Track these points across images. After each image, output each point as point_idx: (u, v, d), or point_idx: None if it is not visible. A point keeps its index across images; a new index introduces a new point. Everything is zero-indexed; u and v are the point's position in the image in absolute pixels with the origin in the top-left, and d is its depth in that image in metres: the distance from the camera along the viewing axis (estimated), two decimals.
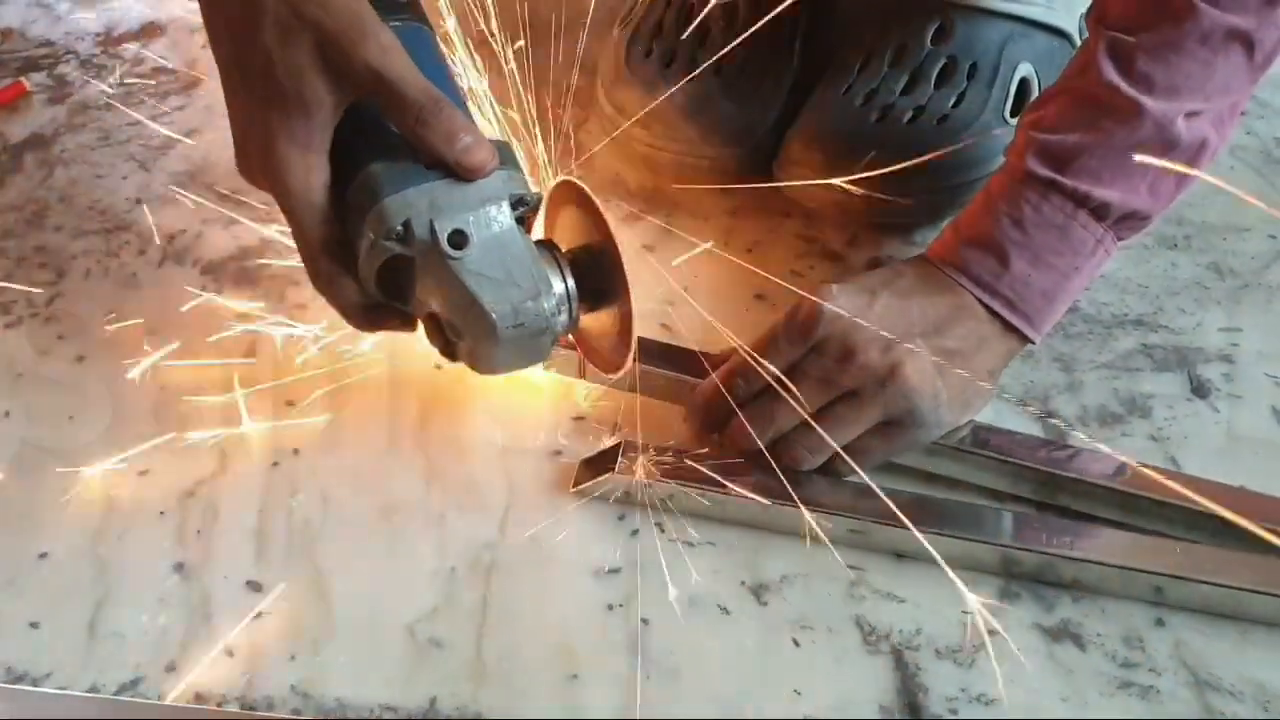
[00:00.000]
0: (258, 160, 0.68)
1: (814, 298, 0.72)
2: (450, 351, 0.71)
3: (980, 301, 0.74)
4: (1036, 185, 0.74)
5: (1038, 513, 0.76)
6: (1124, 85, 0.72)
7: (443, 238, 0.66)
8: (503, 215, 0.68)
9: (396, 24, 0.69)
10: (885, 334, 0.72)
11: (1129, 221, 0.75)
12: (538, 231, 0.76)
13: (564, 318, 0.70)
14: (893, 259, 0.82)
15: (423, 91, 0.66)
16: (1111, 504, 0.75)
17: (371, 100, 0.66)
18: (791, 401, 0.72)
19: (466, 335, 0.68)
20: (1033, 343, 0.76)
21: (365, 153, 0.68)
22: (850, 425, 0.73)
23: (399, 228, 0.66)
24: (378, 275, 0.69)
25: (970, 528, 0.73)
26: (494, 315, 0.66)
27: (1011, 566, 0.73)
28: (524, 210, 0.70)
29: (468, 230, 0.66)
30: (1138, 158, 0.72)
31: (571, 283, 0.70)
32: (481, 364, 0.71)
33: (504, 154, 0.69)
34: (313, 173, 0.67)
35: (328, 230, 0.69)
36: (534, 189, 0.71)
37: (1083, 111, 0.74)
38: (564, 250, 0.72)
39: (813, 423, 0.73)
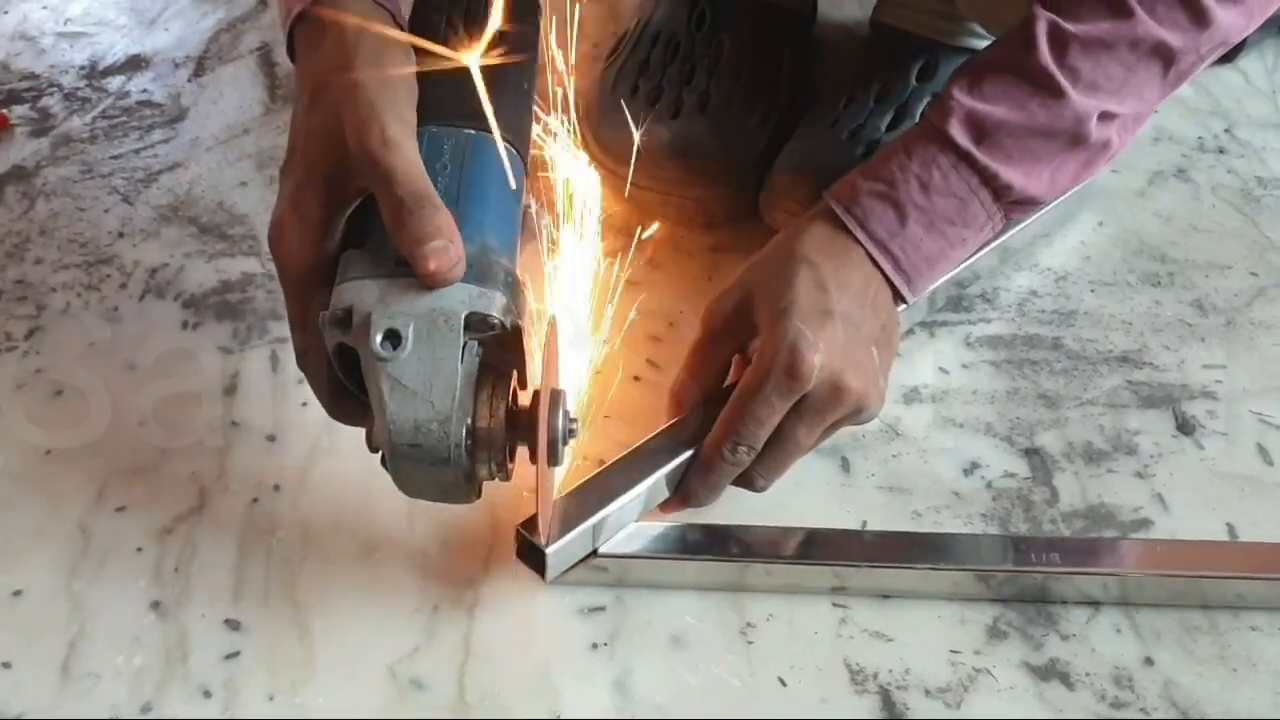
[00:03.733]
0: (271, 229, 0.67)
1: (800, 350, 0.70)
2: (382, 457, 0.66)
3: (868, 255, 0.75)
4: (951, 152, 0.75)
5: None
6: (1057, 72, 0.74)
7: (376, 334, 0.61)
8: (450, 331, 0.62)
9: (439, 129, 0.67)
10: (857, 367, 0.72)
11: (1022, 205, 0.77)
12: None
13: (479, 459, 0.64)
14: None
15: (411, 190, 0.62)
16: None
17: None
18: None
19: (381, 444, 0.64)
20: (906, 303, 0.78)
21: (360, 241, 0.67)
22: (815, 446, 0.74)
23: (341, 314, 0.63)
24: (348, 363, 0.65)
25: (953, 558, 0.73)
26: (392, 427, 0.61)
27: (1003, 589, 0.73)
28: (488, 335, 0.64)
29: (404, 335, 0.62)
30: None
31: (499, 425, 0.64)
32: (392, 478, 0.65)
33: (485, 273, 0.64)
34: (306, 245, 0.65)
35: (307, 305, 0.66)
36: (511, 318, 0.64)
37: (1014, 88, 0.75)
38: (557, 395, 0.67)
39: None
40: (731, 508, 0.76)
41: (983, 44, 0.94)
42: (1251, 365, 0.87)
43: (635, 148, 0.91)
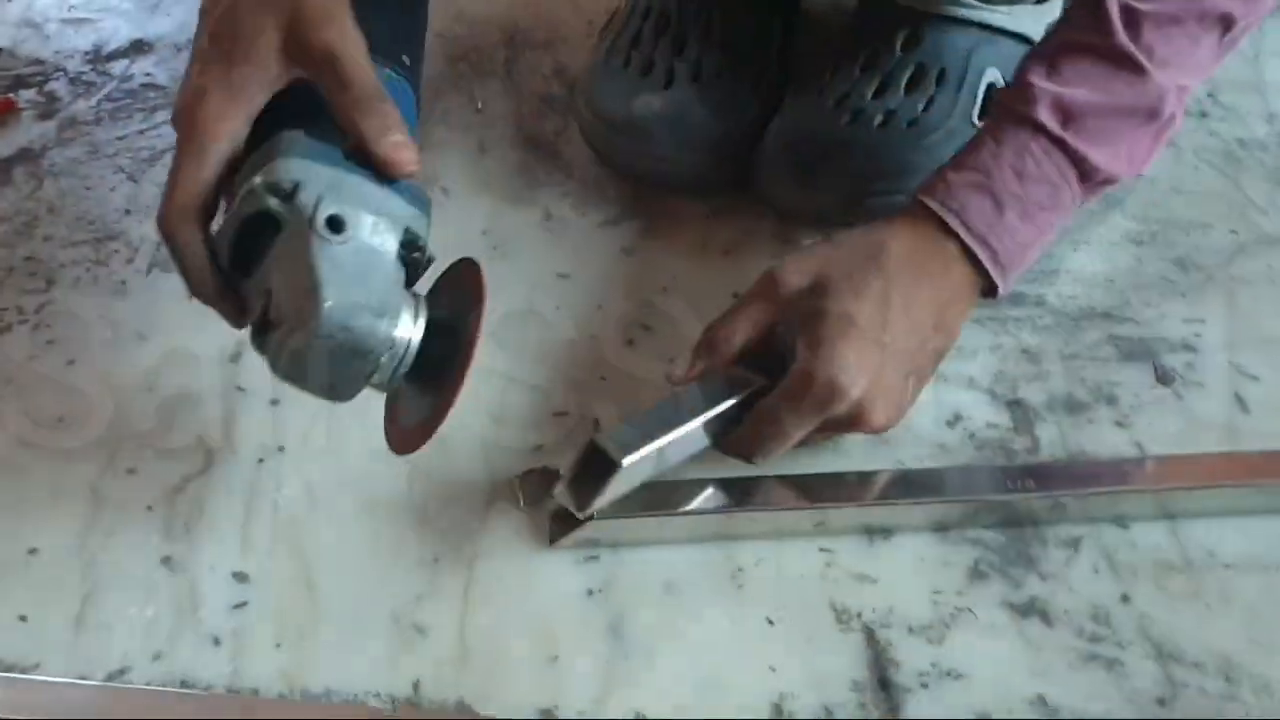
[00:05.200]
0: (185, 100, 0.65)
1: (837, 379, 0.70)
2: (260, 336, 0.66)
3: (965, 249, 0.75)
4: (1043, 139, 0.75)
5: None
6: (1136, 52, 0.74)
7: (321, 215, 0.62)
8: (390, 237, 0.64)
9: (383, 69, 0.68)
10: (889, 393, 0.73)
11: (1102, 185, 0.77)
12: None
13: (396, 358, 0.64)
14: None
15: (371, 83, 0.65)
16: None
17: (318, 83, 0.66)
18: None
19: (288, 321, 0.63)
20: (995, 295, 0.77)
21: (287, 127, 0.66)
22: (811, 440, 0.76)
23: (288, 185, 0.62)
24: (239, 241, 0.65)
25: (933, 491, 0.76)
26: (327, 304, 0.60)
27: (984, 518, 0.75)
28: (413, 254, 0.66)
29: (349, 223, 0.63)
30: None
31: (418, 336, 0.65)
32: (283, 359, 0.64)
33: (421, 199, 0.67)
34: (225, 120, 0.65)
35: (208, 176, 0.65)
36: (430, 251, 0.67)
37: (1096, 70, 0.75)
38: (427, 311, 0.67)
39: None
40: (720, 460, 0.78)
41: (966, 13, 0.96)
42: (1230, 319, 0.89)
43: (628, 117, 0.93)
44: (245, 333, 0.79)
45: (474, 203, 0.98)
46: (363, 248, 0.63)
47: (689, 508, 0.74)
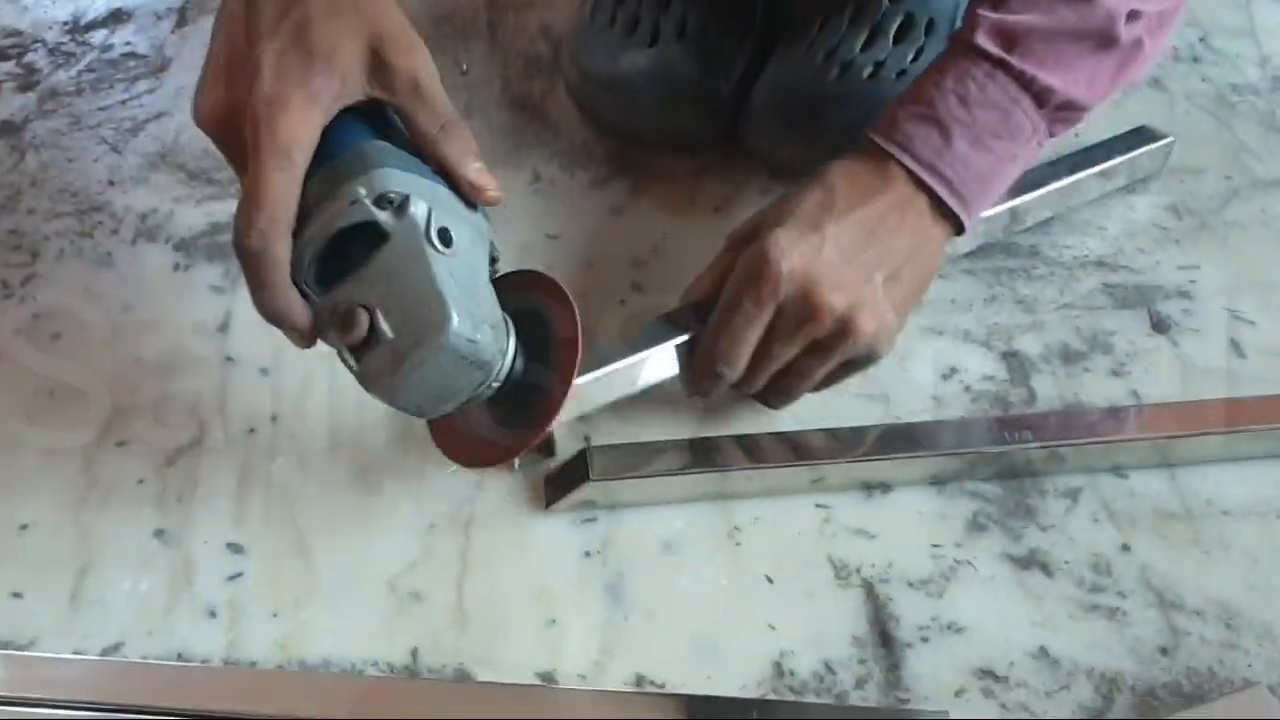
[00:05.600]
0: (261, 106, 0.61)
1: (767, 253, 0.70)
2: (358, 353, 0.62)
3: (919, 183, 0.73)
4: (984, 62, 0.73)
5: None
6: None
7: (435, 227, 0.62)
8: (482, 250, 0.65)
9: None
10: (840, 283, 0.71)
11: (1064, 112, 0.75)
12: None
13: (504, 368, 0.64)
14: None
15: (452, 109, 0.65)
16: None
17: (397, 106, 0.65)
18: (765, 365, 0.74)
19: (403, 336, 0.61)
20: (962, 232, 0.76)
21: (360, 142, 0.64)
22: (814, 374, 0.74)
23: (396, 197, 0.62)
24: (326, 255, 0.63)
25: (931, 445, 0.75)
26: (455, 319, 0.60)
27: (982, 471, 0.75)
28: (492, 267, 0.67)
29: (456, 238, 0.63)
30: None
31: (512, 350, 0.65)
32: (393, 375, 0.61)
33: (485, 212, 0.68)
34: (308, 128, 0.62)
35: (297, 185, 0.62)
36: (497, 267, 0.68)
37: None
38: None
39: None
40: (716, 419, 0.78)
41: None
42: (1225, 265, 0.88)
43: (614, 76, 0.92)
44: (231, 302, 0.79)
45: None
46: (467, 261, 0.63)
47: (685, 467, 0.74)
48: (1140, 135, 0.93)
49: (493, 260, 0.68)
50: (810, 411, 0.78)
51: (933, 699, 0.66)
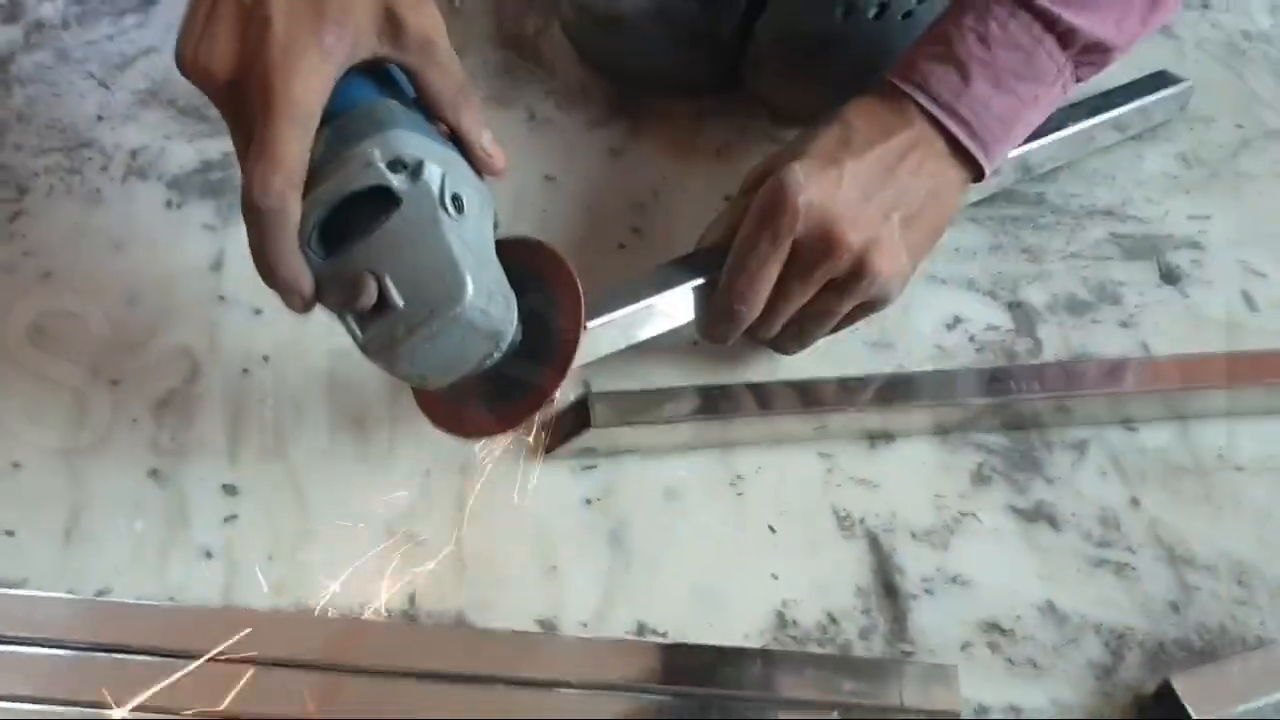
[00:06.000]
0: (271, 54, 0.59)
1: (785, 186, 0.69)
2: (365, 321, 0.60)
3: (937, 124, 0.72)
4: (1006, 1, 0.71)
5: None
6: None
7: (448, 193, 0.59)
8: (488, 218, 0.63)
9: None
10: (858, 220, 0.70)
11: (1091, 54, 0.73)
12: None
13: (511, 339, 0.62)
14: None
15: (463, 74, 0.63)
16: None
17: (407, 66, 0.63)
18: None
19: (414, 305, 0.59)
20: (982, 176, 0.74)
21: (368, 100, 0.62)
22: (830, 316, 0.73)
23: (410, 161, 0.59)
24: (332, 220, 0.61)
25: (935, 395, 0.74)
26: (470, 289, 0.58)
27: (987, 422, 0.74)
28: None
29: (466, 204, 0.60)
30: None
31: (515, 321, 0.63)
32: (405, 346, 0.59)
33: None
34: (320, 82, 0.59)
35: (303, 143, 0.59)
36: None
37: None
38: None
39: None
40: (721, 368, 0.77)
41: None
42: (1237, 215, 0.87)
43: (613, 13, 0.90)
44: (223, 240, 0.77)
45: None
46: (477, 228, 0.61)
47: (688, 414, 0.73)
48: (1157, 80, 0.92)
49: (495, 227, 0.65)
50: (813, 361, 0.77)
51: (938, 652, 0.65)
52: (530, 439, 0.74)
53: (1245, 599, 0.67)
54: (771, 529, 0.70)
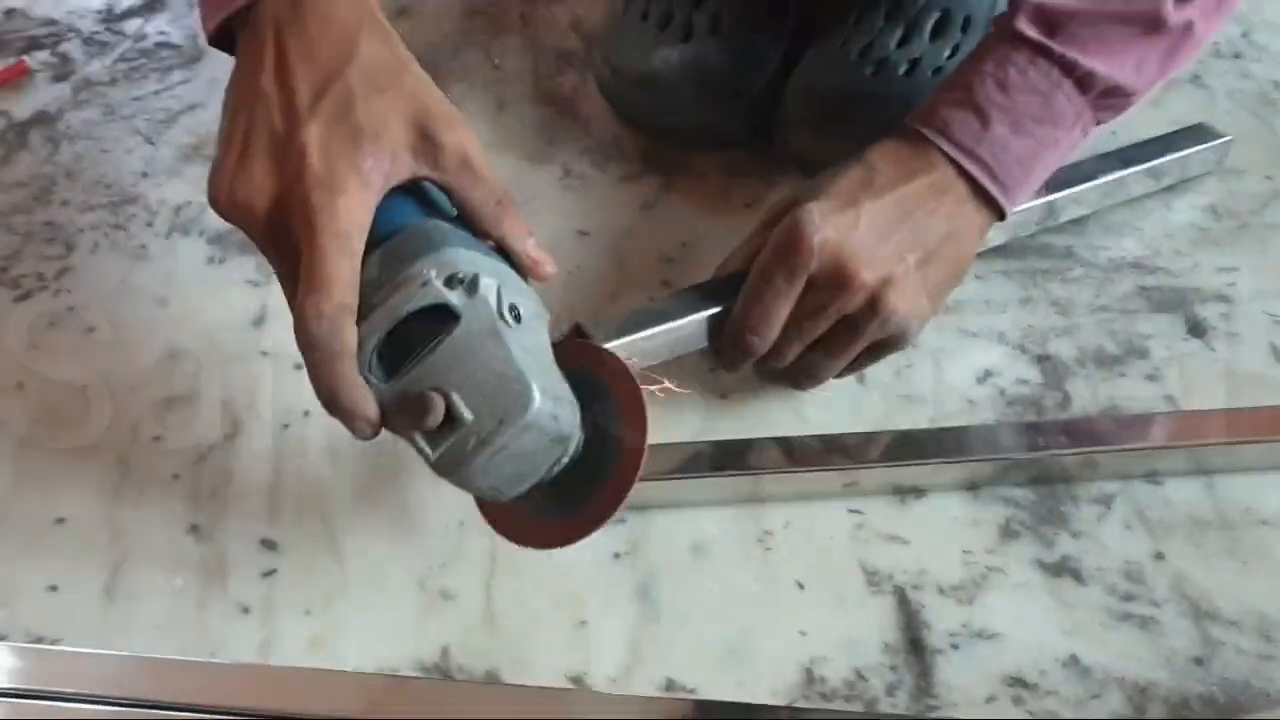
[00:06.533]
0: (310, 188, 0.60)
1: (800, 225, 0.71)
2: (435, 438, 0.60)
3: (958, 168, 0.73)
4: (1025, 48, 0.73)
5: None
6: None
7: (506, 304, 0.61)
8: (543, 324, 0.64)
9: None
10: (873, 260, 0.71)
11: (1110, 99, 0.75)
12: None
13: (577, 442, 0.62)
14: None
15: (503, 185, 0.65)
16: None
17: (446, 184, 0.64)
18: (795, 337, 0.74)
19: (484, 418, 0.58)
20: (1003, 217, 0.75)
21: (415, 221, 0.63)
22: (846, 353, 0.75)
23: (466, 276, 0.60)
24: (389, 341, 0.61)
25: (965, 450, 0.74)
26: (538, 396, 0.58)
27: (1015, 476, 0.75)
28: None
29: (524, 313, 0.61)
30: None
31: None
32: (479, 458, 0.59)
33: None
34: (364, 211, 0.60)
35: (353, 268, 0.60)
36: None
37: None
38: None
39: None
40: (750, 421, 0.78)
41: None
42: (1266, 267, 0.87)
43: (647, 71, 0.92)
44: (265, 296, 0.79)
45: (493, 160, 0.92)
46: (535, 334, 0.62)
47: (716, 469, 0.74)
48: (1196, 133, 0.92)
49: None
50: (843, 415, 0.78)
51: (963, 706, 0.66)
52: None
53: (1270, 654, 0.67)
54: (800, 585, 0.71)
